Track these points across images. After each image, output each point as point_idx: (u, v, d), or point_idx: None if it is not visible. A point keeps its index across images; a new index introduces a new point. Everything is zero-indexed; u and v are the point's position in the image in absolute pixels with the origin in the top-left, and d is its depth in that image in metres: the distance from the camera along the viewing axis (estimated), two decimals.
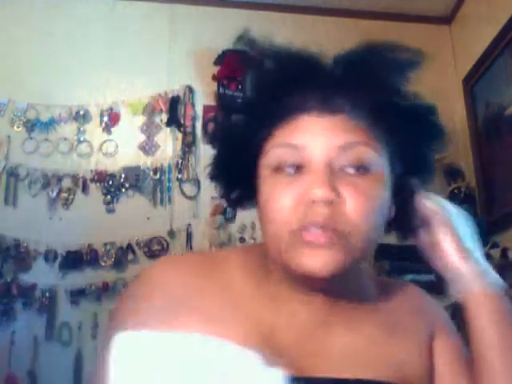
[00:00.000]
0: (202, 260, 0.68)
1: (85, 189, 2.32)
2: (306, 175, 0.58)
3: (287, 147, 0.59)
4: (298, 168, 0.59)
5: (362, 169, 0.58)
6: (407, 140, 0.63)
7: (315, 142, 0.58)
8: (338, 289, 0.63)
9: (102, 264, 2.23)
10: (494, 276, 0.66)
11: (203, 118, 2.48)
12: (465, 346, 0.70)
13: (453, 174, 2.40)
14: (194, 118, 2.47)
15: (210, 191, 2.39)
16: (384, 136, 0.61)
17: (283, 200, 0.58)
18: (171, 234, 2.31)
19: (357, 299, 0.66)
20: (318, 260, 0.56)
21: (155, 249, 2.28)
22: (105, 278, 2.23)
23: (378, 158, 0.59)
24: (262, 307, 0.63)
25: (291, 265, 0.58)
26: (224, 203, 2.37)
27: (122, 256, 2.25)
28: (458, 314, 0.72)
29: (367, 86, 0.60)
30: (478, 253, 0.67)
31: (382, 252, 2.20)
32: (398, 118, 0.61)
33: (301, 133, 0.59)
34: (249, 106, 0.67)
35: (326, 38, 2.60)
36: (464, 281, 0.65)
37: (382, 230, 0.62)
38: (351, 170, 0.58)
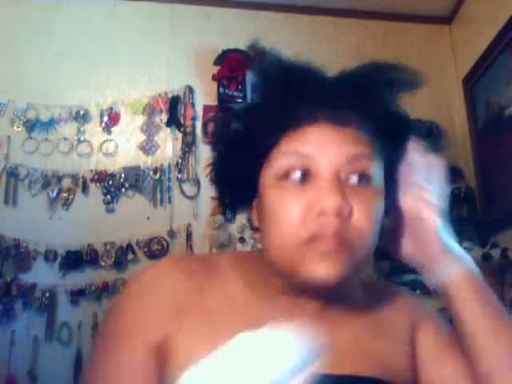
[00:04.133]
0: (200, 263, 0.70)
1: (85, 189, 2.32)
2: (314, 184, 0.59)
3: (296, 155, 0.60)
4: (305, 176, 0.59)
5: (364, 180, 0.60)
6: (400, 152, 0.67)
7: (323, 152, 0.59)
8: (329, 293, 0.65)
9: (102, 264, 2.23)
10: (470, 259, 0.68)
11: (203, 117, 2.48)
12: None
13: (453, 174, 2.39)
14: (194, 118, 2.46)
15: (209, 191, 2.39)
16: (384, 150, 0.63)
17: (291, 211, 0.58)
18: (171, 233, 2.31)
19: (345, 302, 0.69)
20: (328, 268, 0.57)
21: (155, 249, 2.28)
22: (105, 277, 2.23)
23: (377, 172, 0.62)
24: (257, 310, 0.65)
25: (299, 275, 0.59)
26: None
27: (122, 256, 2.25)
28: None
29: (374, 101, 0.62)
30: (453, 239, 0.68)
31: (382, 252, 2.20)
32: (395, 133, 0.65)
33: (309, 142, 0.59)
34: (255, 113, 0.66)
35: (326, 38, 2.60)
36: (444, 268, 0.66)
37: (378, 238, 0.64)
38: (354, 182, 0.60)
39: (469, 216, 2.28)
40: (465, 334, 0.65)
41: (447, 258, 0.66)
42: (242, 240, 2.32)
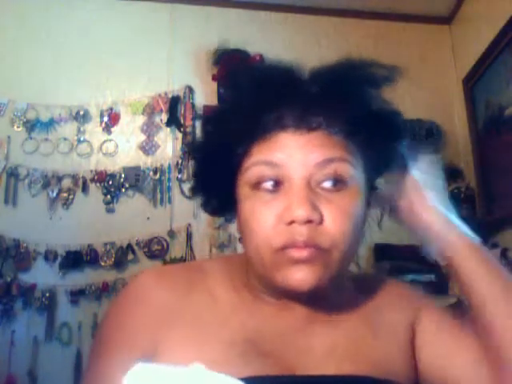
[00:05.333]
0: (186, 272, 0.71)
1: (85, 189, 2.32)
2: (285, 193, 0.59)
3: (266, 165, 0.60)
4: (277, 184, 0.60)
5: (339, 184, 0.60)
6: (381, 148, 0.66)
7: (293, 160, 0.59)
8: (317, 294, 0.64)
9: (102, 264, 2.23)
10: (467, 229, 0.68)
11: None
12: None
13: (453, 173, 2.39)
14: (193, 118, 2.46)
15: None
16: (360, 149, 0.63)
17: (263, 219, 0.60)
18: (171, 234, 2.31)
19: (336, 299, 0.68)
20: (300, 275, 0.58)
21: (155, 249, 2.28)
22: (105, 277, 2.23)
23: (354, 173, 0.61)
24: (246, 314, 0.65)
25: (275, 280, 0.60)
26: None
27: (122, 256, 2.25)
28: (457, 314, 0.72)
29: (343, 102, 0.61)
30: (448, 209, 0.69)
31: (382, 252, 2.20)
32: (373, 131, 0.63)
33: (279, 150, 0.60)
34: (224, 122, 0.65)
35: (326, 38, 2.60)
36: (443, 236, 0.66)
37: (360, 239, 0.64)
38: (328, 186, 0.60)
39: (469, 216, 2.28)
40: (475, 305, 0.65)
41: (445, 225, 0.67)
42: (241, 240, 2.31)
